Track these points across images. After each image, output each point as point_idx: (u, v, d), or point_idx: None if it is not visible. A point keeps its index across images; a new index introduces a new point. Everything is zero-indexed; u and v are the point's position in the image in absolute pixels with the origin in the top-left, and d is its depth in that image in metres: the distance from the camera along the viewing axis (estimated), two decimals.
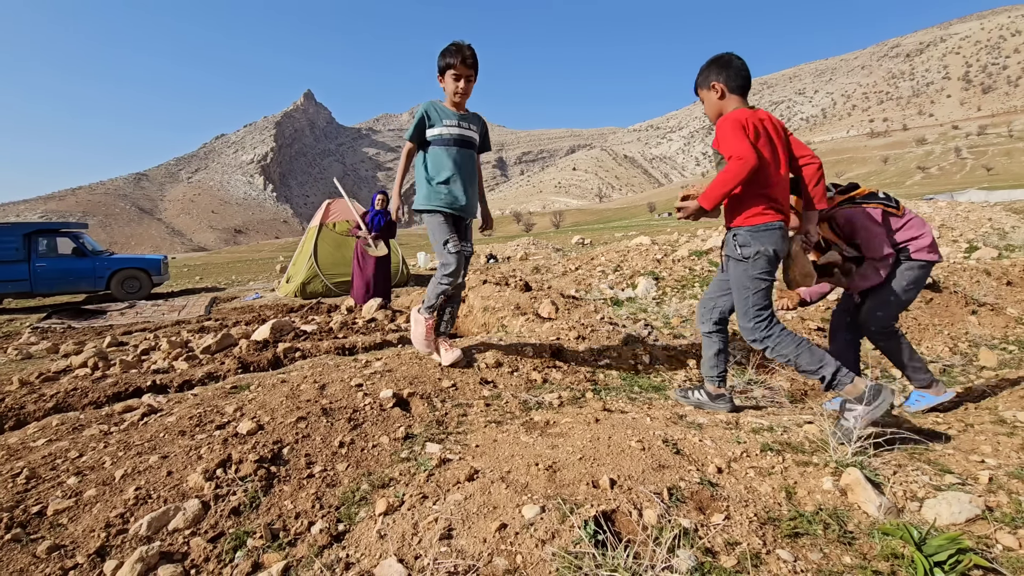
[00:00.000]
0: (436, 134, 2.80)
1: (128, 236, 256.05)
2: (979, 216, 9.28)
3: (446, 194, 2.82)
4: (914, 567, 1.24)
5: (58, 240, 10.51)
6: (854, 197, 2.64)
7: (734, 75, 2.30)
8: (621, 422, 2.13)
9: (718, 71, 2.32)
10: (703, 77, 2.37)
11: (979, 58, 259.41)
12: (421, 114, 2.84)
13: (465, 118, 2.87)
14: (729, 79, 2.30)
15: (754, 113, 2.24)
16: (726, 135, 2.13)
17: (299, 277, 9.40)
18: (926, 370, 2.70)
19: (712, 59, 2.36)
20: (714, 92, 2.33)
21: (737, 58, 2.32)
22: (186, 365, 3.69)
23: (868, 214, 2.57)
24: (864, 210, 2.58)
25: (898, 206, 2.64)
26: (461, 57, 2.74)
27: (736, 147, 2.08)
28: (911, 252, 2.56)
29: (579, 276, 7.20)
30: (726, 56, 2.33)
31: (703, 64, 2.38)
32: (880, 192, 2.69)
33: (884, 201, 2.62)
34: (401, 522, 1.54)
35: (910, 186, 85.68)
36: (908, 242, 2.58)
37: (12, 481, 1.83)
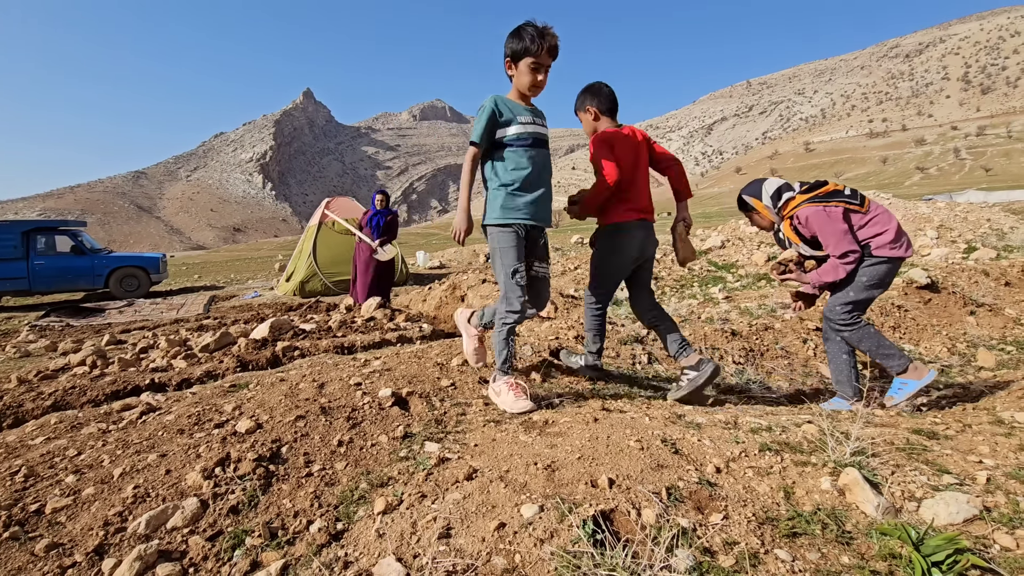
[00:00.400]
0: (513, 134, 2.38)
1: (127, 234, 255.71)
2: (978, 217, 9.29)
3: (527, 204, 2.39)
4: (912, 567, 1.25)
5: (57, 238, 10.50)
6: (817, 195, 2.68)
7: (604, 100, 2.80)
8: (620, 421, 2.13)
9: (591, 97, 2.82)
10: (580, 102, 2.87)
11: (978, 59, 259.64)
12: (491, 111, 2.37)
13: (537, 114, 2.49)
14: (600, 103, 2.80)
15: (619, 131, 2.74)
16: (598, 154, 2.69)
17: (298, 276, 9.40)
18: (900, 355, 2.70)
19: (585, 87, 2.86)
20: (589, 115, 2.83)
21: (606, 86, 2.83)
22: (185, 363, 3.69)
23: (828, 212, 2.61)
24: (824, 208, 2.62)
25: (863, 203, 2.67)
26: (547, 46, 2.35)
27: (605, 166, 2.65)
28: (872, 249, 2.61)
29: (578, 275, 7.20)
30: (597, 84, 2.84)
31: (579, 91, 2.87)
32: (846, 189, 2.72)
33: (847, 198, 2.65)
34: (400, 521, 1.54)
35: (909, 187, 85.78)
36: (871, 239, 2.60)
37: (10, 479, 1.83)
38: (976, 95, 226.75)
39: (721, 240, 8.01)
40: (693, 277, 6.50)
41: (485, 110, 2.39)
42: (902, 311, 4.61)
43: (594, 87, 2.82)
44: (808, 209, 2.64)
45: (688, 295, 5.81)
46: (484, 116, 2.38)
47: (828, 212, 2.60)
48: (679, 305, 5.20)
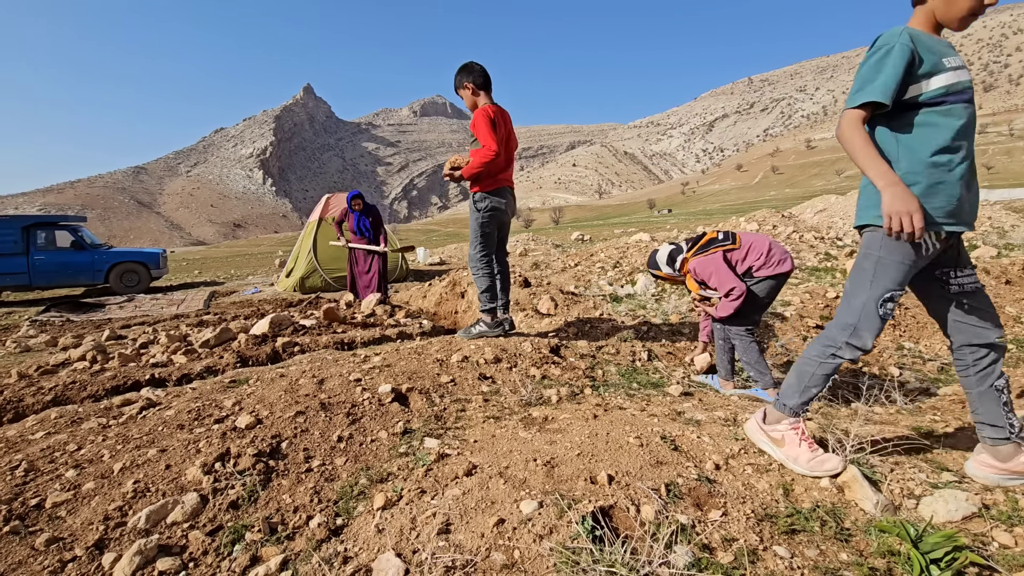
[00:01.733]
0: (941, 88, 1.52)
1: (127, 230, 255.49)
2: (979, 214, 9.28)
3: (960, 196, 1.55)
4: (910, 564, 1.25)
5: (57, 233, 10.48)
6: (698, 248, 3.15)
7: (478, 76, 3.28)
8: (619, 418, 2.13)
9: (467, 75, 3.28)
10: (458, 81, 3.32)
11: (980, 56, 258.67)
12: (908, 51, 1.50)
13: (957, 56, 1.61)
14: (475, 79, 3.27)
15: (496, 107, 3.25)
16: (481, 126, 3.11)
17: (298, 272, 9.39)
18: (768, 375, 3.06)
19: (461, 68, 3.31)
20: (468, 90, 3.30)
21: (478, 64, 3.32)
22: (185, 359, 3.69)
23: (710, 260, 3.04)
24: (706, 258, 3.07)
25: (734, 240, 3.07)
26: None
27: (488, 139, 3.08)
28: (753, 272, 3.01)
29: (578, 272, 7.20)
30: (469, 64, 3.31)
31: (458, 70, 3.31)
32: (720, 234, 3.16)
33: (721, 243, 3.08)
34: (399, 516, 1.54)
35: None
36: (751, 266, 3.01)
37: (11, 474, 1.83)
38: (978, 93, 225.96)
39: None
40: None
41: (893, 50, 1.52)
42: (902, 308, 4.61)
43: (468, 66, 3.30)
44: (695, 262, 3.13)
45: (689, 292, 5.81)
46: (893, 58, 1.51)
47: (709, 259, 3.05)
48: (679, 302, 5.20)
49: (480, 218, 3.35)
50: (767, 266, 2.99)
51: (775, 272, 2.98)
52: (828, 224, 9.77)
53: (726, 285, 2.95)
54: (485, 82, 3.30)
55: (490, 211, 3.34)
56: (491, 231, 3.42)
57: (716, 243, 3.10)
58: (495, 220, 3.40)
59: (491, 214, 3.35)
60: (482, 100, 3.29)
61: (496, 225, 3.44)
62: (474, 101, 3.31)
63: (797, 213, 11.01)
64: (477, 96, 3.30)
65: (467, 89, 3.30)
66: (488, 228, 3.39)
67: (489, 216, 3.35)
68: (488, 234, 3.41)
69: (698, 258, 3.11)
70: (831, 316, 4.37)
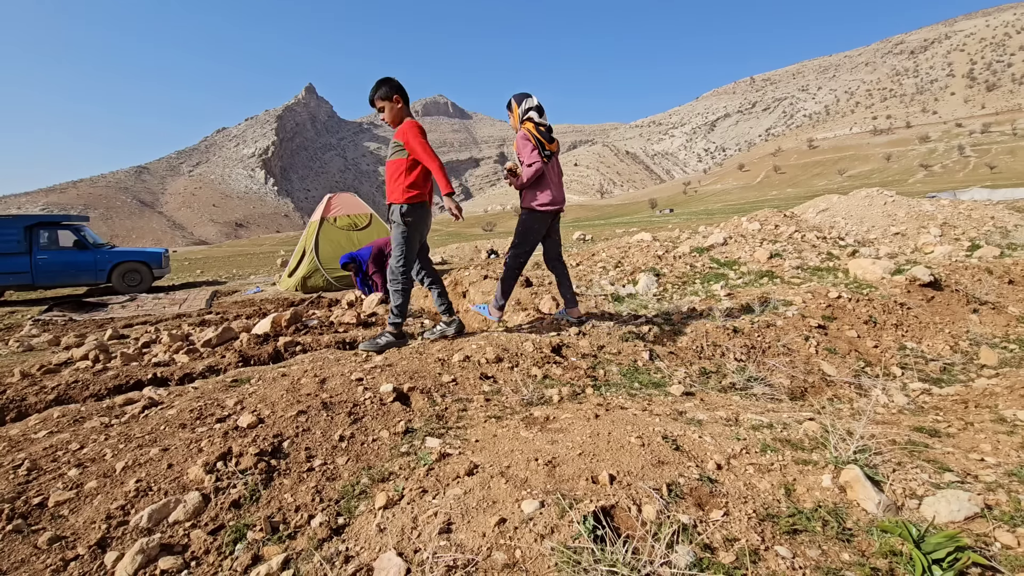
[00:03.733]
0: None
1: (129, 229, 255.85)
2: (982, 214, 9.24)
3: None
4: (912, 564, 1.25)
5: (59, 233, 10.50)
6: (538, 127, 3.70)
7: (404, 92, 3.44)
8: (621, 418, 2.13)
9: (397, 88, 3.40)
10: (385, 92, 3.36)
11: (984, 55, 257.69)
12: None
13: None
14: (403, 94, 3.42)
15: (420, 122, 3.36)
16: (419, 140, 3.27)
17: (300, 271, 9.39)
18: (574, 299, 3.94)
19: (386, 80, 3.37)
20: (397, 104, 3.40)
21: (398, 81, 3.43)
22: (187, 358, 3.70)
23: (527, 136, 3.63)
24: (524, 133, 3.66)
25: (551, 144, 3.70)
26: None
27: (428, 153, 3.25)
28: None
29: (580, 272, 7.19)
30: (395, 80, 3.42)
31: (384, 82, 3.37)
32: (546, 132, 3.74)
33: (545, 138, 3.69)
34: (401, 516, 1.54)
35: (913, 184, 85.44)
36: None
37: (14, 472, 1.84)
38: (981, 92, 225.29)
39: (723, 237, 7.99)
40: (695, 274, 6.49)
41: None
42: (905, 308, 4.60)
43: (393, 80, 3.41)
44: (522, 131, 3.60)
45: (690, 292, 5.80)
46: None
47: (527, 136, 3.56)
48: (681, 302, 5.19)
49: (406, 231, 3.35)
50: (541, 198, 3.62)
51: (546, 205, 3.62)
52: (830, 224, 9.75)
53: (529, 159, 3.56)
54: (407, 98, 3.50)
55: (419, 222, 3.39)
56: (415, 243, 3.43)
57: (542, 134, 3.60)
58: (427, 228, 3.50)
59: (419, 226, 3.39)
60: (406, 113, 3.47)
61: (424, 236, 3.53)
62: (401, 114, 3.43)
63: (799, 213, 10.98)
64: (404, 108, 3.45)
65: (396, 102, 3.41)
66: (413, 240, 3.40)
67: (417, 228, 3.39)
68: (413, 247, 3.42)
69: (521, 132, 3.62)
70: (833, 316, 4.36)
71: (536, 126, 3.60)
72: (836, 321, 4.28)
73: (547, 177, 3.68)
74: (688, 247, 7.73)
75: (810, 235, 7.99)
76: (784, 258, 6.85)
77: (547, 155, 3.62)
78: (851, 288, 5.12)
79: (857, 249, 7.37)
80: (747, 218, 9.03)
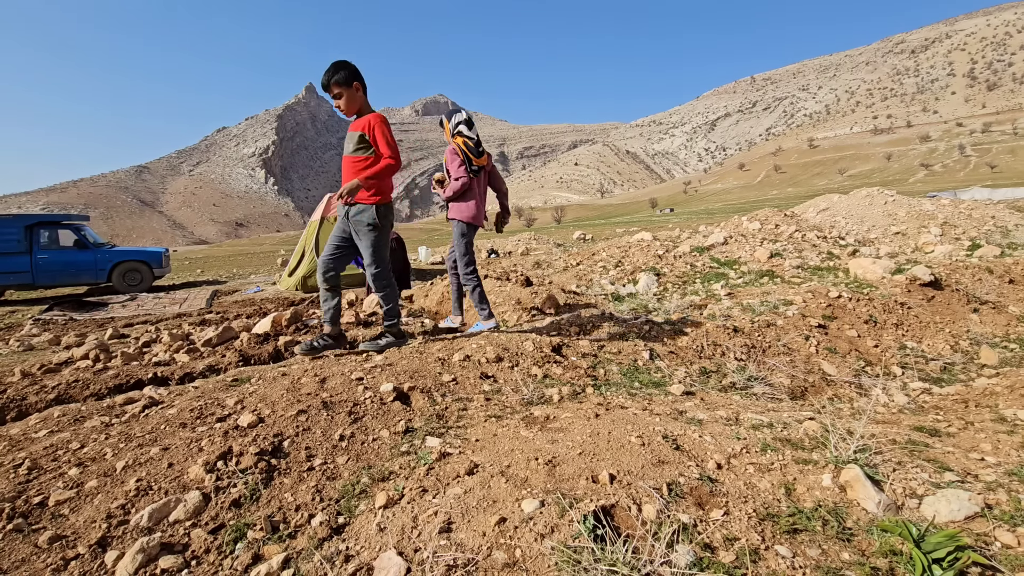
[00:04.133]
0: None
1: (129, 229, 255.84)
2: (982, 214, 9.23)
3: None
4: (912, 564, 1.25)
5: (60, 232, 10.52)
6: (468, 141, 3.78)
7: (363, 79, 3.00)
8: (621, 417, 2.13)
9: (356, 74, 2.95)
10: (343, 77, 2.92)
11: (984, 55, 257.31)
12: None
13: None
14: (362, 81, 2.99)
15: None
16: (387, 135, 2.95)
17: (300, 271, 9.40)
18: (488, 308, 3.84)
19: (343, 63, 2.94)
20: (356, 91, 2.97)
21: None
22: (187, 358, 3.70)
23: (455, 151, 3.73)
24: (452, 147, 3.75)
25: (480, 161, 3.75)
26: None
27: (395, 151, 2.95)
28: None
29: (580, 271, 7.19)
30: (348, 62, 2.96)
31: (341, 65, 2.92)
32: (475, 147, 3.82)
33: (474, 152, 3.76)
34: (401, 515, 1.54)
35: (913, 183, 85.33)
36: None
37: (14, 472, 1.84)
38: (982, 91, 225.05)
39: (724, 236, 7.99)
40: (696, 273, 6.49)
41: None
42: (905, 308, 4.60)
43: (350, 64, 2.98)
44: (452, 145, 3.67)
45: (691, 291, 5.80)
46: None
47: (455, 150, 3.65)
48: (681, 301, 5.19)
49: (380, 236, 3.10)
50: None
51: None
52: (830, 223, 9.74)
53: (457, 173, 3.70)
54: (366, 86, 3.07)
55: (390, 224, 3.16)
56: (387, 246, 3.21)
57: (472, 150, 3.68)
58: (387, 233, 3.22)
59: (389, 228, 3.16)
60: (365, 104, 3.06)
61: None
62: (361, 102, 3.03)
63: (800, 212, 10.98)
64: (364, 96, 3.04)
65: (356, 89, 2.99)
66: (385, 243, 3.16)
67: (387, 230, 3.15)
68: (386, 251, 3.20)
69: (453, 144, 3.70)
70: (833, 315, 4.36)
71: (466, 140, 3.72)
72: (836, 320, 4.28)
73: (473, 190, 3.83)
74: (688, 246, 7.73)
75: (810, 234, 7.99)
76: (784, 257, 6.85)
77: (475, 170, 3.79)
78: (851, 288, 5.12)
79: (857, 249, 7.37)
80: (747, 217, 9.03)
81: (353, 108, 3.00)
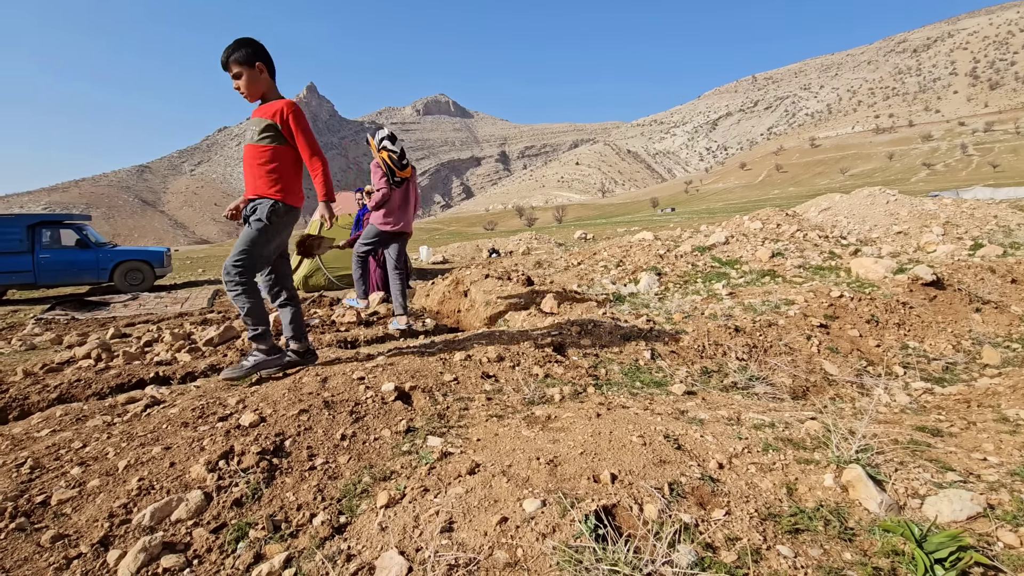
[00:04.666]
0: None
1: (131, 228, 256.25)
2: (984, 213, 9.21)
3: None
4: (914, 564, 1.24)
5: (62, 232, 10.53)
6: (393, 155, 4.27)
7: (271, 61, 2.65)
8: (622, 417, 2.13)
9: (260, 53, 2.60)
10: (245, 54, 2.56)
11: (987, 54, 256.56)
12: None
13: None
14: (268, 63, 2.63)
15: None
16: (307, 128, 2.64)
17: (302, 270, 9.40)
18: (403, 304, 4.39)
19: (251, 40, 2.60)
20: (260, 72, 2.60)
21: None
22: (189, 357, 3.71)
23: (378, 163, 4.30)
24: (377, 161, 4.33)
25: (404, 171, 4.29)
26: None
27: (317, 144, 2.66)
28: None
29: (581, 271, 7.19)
30: (254, 40, 2.61)
31: (244, 42, 2.56)
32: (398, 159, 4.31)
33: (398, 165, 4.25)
34: (402, 514, 1.54)
35: (915, 183, 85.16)
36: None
37: (16, 471, 1.85)
38: (984, 90, 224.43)
39: (725, 236, 7.98)
40: (697, 273, 6.48)
41: None
42: (907, 308, 4.59)
43: (255, 41, 2.61)
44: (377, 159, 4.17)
45: (692, 291, 5.79)
46: None
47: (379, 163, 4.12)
48: (683, 301, 5.18)
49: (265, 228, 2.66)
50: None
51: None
52: (832, 223, 9.73)
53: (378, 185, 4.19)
54: (273, 69, 2.69)
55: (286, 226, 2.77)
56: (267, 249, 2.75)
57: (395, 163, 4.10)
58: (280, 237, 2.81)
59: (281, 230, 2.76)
60: (271, 89, 2.69)
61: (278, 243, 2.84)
62: (266, 87, 2.66)
63: (801, 212, 10.97)
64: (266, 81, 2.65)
65: (259, 70, 2.61)
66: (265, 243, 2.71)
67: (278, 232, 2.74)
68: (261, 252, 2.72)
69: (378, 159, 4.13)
70: (835, 315, 4.35)
71: (389, 154, 4.10)
72: (838, 320, 4.28)
73: (393, 201, 4.29)
74: (690, 246, 7.72)
75: (812, 234, 7.97)
76: (786, 257, 6.84)
77: (397, 181, 4.18)
78: (853, 287, 5.11)
79: (859, 248, 7.36)
80: (749, 217, 9.02)
81: (256, 91, 2.64)
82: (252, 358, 2.74)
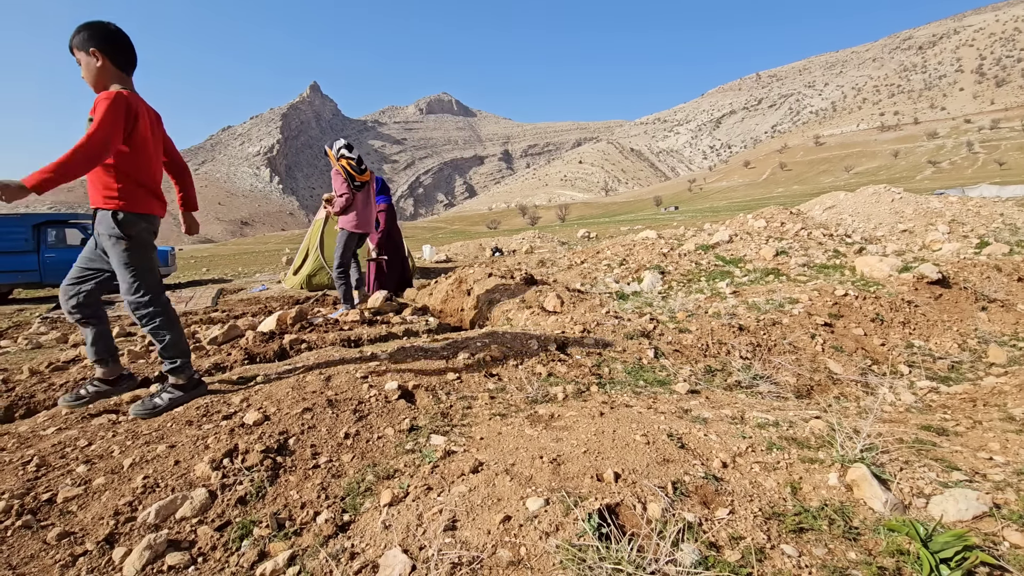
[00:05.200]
0: None
1: None
2: (990, 211, 9.16)
3: None
4: (920, 564, 1.24)
5: (67, 231, 10.59)
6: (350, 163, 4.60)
7: (108, 42, 2.26)
8: (626, 416, 2.13)
9: (99, 37, 2.24)
10: (82, 39, 2.24)
11: (993, 50, 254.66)
12: None
13: None
14: (108, 49, 2.25)
15: (136, 97, 2.27)
16: (107, 113, 2.12)
17: (305, 269, 9.42)
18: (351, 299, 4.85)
19: (93, 23, 2.25)
20: (96, 59, 2.24)
21: (115, 27, 2.29)
22: (193, 356, 3.72)
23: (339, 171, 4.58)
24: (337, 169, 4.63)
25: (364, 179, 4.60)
26: None
27: (107, 132, 2.09)
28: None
29: (584, 270, 7.18)
30: (102, 23, 2.27)
31: (82, 26, 2.24)
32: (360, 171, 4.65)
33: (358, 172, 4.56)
34: (406, 513, 1.55)
35: (920, 181, 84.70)
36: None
37: (22, 469, 1.86)
38: (990, 88, 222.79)
39: (729, 234, 7.95)
40: (700, 272, 6.47)
41: None
42: (912, 306, 4.57)
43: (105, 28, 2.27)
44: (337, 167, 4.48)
45: (695, 290, 5.78)
46: None
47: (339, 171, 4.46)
48: (686, 299, 5.17)
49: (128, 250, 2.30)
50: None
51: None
52: (837, 221, 9.68)
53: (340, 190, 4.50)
54: (125, 60, 2.32)
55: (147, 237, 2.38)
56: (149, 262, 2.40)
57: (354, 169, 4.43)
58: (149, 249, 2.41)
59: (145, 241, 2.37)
60: (114, 82, 2.28)
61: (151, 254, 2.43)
62: (102, 76, 2.27)
63: (806, 210, 10.92)
64: (106, 71, 2.26)
65: (95, 57, 2.23)
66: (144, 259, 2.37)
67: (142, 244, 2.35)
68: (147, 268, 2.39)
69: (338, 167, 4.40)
70: (840, 314, 4.33)
71: (348, 161, 4.42)
72: (843, 319, 4.26)
73: (355, 204, 4.56)
74: (693, 245, 7.71)
75: (816, 232, 7.94)
76: (790, 256, 6.81)
77: (357, 185, 4.46)
78: (858, 286, 5.09)
79: (864, 246, 7.32)
80: (753, 215, 8.99)
81: (96, 82, 2.27)
82: (166, 395, 2.38)
